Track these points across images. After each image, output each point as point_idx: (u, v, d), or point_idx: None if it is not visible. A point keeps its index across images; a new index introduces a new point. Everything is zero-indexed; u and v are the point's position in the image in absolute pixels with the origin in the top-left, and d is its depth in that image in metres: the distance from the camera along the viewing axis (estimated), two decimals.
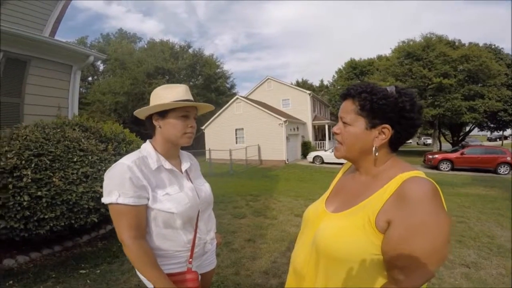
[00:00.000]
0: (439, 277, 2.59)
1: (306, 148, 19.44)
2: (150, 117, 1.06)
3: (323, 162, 15.79)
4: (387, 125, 0.74)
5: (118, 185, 0.91)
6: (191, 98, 1.07)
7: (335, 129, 0.82)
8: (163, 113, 1.02)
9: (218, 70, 32.76)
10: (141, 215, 0.95)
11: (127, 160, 0.96)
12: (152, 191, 0.97)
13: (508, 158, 12.79)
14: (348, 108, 0.79)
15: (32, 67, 4.23)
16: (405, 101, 0.73)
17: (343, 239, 0.72)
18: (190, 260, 1.04)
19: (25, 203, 2.45)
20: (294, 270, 0.87)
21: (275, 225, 4.14)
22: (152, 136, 1.10)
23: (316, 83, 44.04)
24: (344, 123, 0.80)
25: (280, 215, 4.68)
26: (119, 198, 0.90)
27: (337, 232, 0.74)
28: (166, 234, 1.00)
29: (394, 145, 0.78)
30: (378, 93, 0.74)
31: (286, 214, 4.68)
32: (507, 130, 26.76)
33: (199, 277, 1.07)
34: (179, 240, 1.02)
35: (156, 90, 1.07)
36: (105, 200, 0.93)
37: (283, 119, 16.43)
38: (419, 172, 0.72)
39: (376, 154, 0.76)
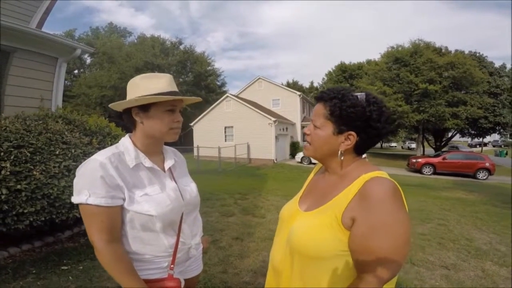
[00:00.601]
0: (420, 278, 2.67)
1: (294, 148, 19.61)
2: (129, 110, 0.94)
3: (310, 163, 15.95)
4: (353, 132, 0.77)
5: (88, 183, 0.83)
6: (176, 89, 0.95)
7: (306, 130, 0.86)
8: (146, 107, 0.90)
9: (209, 67, 32.53)
10: (115, 217, 0.86)
11: (101, 156, 0.87)
12: (129, 191, 0.87)
13: (487, 164, 13.34)
14: (319, 112, 0.82)
15: (16, 58, 4.06)
16: (373, 110, 0.76)
17: (312, 237, 0.75)
18: (172, 266, 0.95)
19: (3, 197, 2.33)
20: (273, 267, 0.90)
21: (263, 223, 4.14)
22: (131, 130, 0.99)
23: (307, 84, 44.41)
24: (314, 125, 0.82)
25: (268, 214, 4.69)
26: (89, 198, 0.82)
27: (308, 230, 0.77)
28: (145, 238, 0.91)
29: (360, 149, 0.81)
30: (348, 101, 0.76)
31: (274, 213, 4.69)
32: (487, 137, 27.84)
33: (182, 283, 0.99)
34: (160, 245, 0.93)
35: (135, 80, 0.93)
36: (74, 199, 0.85)
37: (273, 118, 16.49)
38: (381, 173, 0.75)
39: (342, 158, 0.80)
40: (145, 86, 0.90)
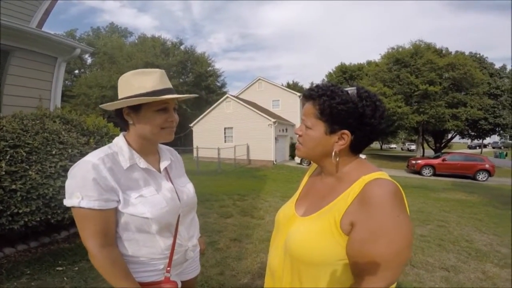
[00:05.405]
0: (420, 280, 2.64)
1: (294, 149, 19.55)
2: (120, 110, 0.90)
3: (310, 163, 15.91)
4: (346, 131, 0.72)
5: (80, 186, 0.79)
6: (169, 85, 0.90)
7: (297, 130, 0.81)
8: (136, 107, 0.87)
9: (210, 68, 32.51)
10: (109, 220, 0.82)
11: (93, 157, 0.83)
12: (123, 193, 0.84)
13: (487, 166, 13.30)
14: (309, 111, 0.76)
15: (15, 58, 4.05)
16: (366, 106, 0.70)
17: (311, 244, 0.71)
18: (168, 268, 0.93)
19: None
20: (271, 272, 0.87)
21: (262, 225, 4.12)
22: (125, 129, 0.96)
23: (307, 85, 44.39)
24: (305, 125, 0.78)
25: (267, 215, 4.67)
26: (81, 201, 0.78)
27: (306, 236, 0.73)
28: (140, 240, 0.88)
29: (356, 149, 0.77)
30: (338, 97, 0.71)
31: (272, 214, 4.66)
32: (486, 138, 27.78)
33: (179, 285, 0.97)
34: (156, 247, 0.90)
35: (126, 76, 0.88)
36: (66, 202, 0.81)
37: (273, 120, 16.46)
38: (382, 174, 0.71)
39: (337, 159, 0.75)
40: (137, 84, 0.86)
